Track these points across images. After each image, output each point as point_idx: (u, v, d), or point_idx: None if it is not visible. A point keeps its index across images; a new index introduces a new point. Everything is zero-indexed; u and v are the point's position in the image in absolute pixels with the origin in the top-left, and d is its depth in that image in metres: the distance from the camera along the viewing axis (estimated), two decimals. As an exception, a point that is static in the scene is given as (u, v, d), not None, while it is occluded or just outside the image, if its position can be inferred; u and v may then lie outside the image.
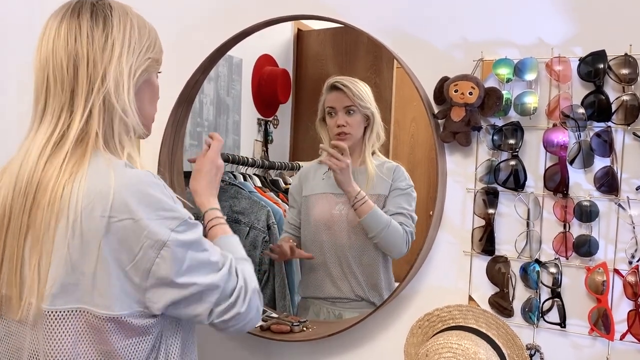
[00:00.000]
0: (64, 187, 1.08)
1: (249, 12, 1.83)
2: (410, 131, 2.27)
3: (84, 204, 1.07)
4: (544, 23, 1.54)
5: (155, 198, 1.10)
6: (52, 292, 1.08)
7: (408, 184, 2.00)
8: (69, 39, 1.13)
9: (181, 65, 1.86)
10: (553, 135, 1.52)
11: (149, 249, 1.07)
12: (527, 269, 1.57)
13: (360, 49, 2.32)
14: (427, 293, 1.70)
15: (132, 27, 1.18)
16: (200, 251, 1.14)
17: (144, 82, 1.22)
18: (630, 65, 1.44)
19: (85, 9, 1.15)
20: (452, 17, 1.63)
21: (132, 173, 1.11)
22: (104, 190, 1.07)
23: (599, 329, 1.50)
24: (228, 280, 1.16)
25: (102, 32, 1.14)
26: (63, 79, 1.13)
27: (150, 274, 1.09)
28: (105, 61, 1.13)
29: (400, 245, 1.88)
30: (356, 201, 1.90)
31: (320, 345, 1.82)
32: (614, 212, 1.49)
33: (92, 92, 1.12)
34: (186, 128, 2.01)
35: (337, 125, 2.03)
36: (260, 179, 2.44)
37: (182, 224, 1.12)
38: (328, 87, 2.07)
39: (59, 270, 1.08)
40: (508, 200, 1.60)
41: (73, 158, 1.11)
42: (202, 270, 1.13)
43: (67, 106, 1.13)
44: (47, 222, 1.08)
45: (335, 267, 2.00)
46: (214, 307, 1.15)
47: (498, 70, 1.57)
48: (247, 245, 2.20)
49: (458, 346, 1.46)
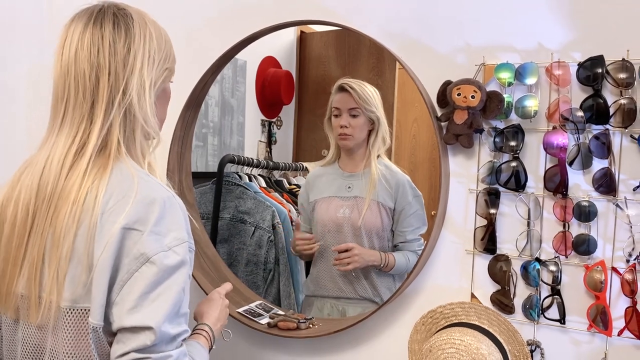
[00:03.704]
0: (87, 194, 1.11)
1: (256, 17, 1.87)
2: (412, 132, 2.30)
3: (103, 209, 1.09)
4: (544, 29, 1.58)
5: (171, 219, 1.12)
6: (74, 295, 1.11)
7: (415, 194, 2.04)
8: (91, 49, 1.15)
9: (189, 69, 1.88)
10: (553, 137, 1.56)
11: (134, 259, 1.08)
12: (527, 267, 1.61)
13: (363, 50, 2.35)
14: (430, 291, 1.74)
15: (151, 37, 1.20)
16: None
17: (162, 90, 1.25)
18: (627, 70, 1.48)
19: (107, 18, 1.17)
20: (455, 23, 1.67)
21: (160, 189, 1.14)
22: (125, 198, 1.10)
23: (597, 325, 1.54)
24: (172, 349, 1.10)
25: (124, 44, 1.16)
26: (85, 88, 1.15)
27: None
28: (128, 73, 1.15)
29: (411, 269, 1.87)
30: (383, 265, 2.00)
31: (325, 342, 1.85)
32: (612, 212, 1.53)
33: (114, 103, 1.15)
34: (194, 130, 2.05)
35: (340, 126, 2.06)
36: (265, 179, 2.47)
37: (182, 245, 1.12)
38: (337, 87, 2.10)
39: (76, 272, 1.10)
40: (509, 200, 1.63)
41: (95, 167, 1.13)
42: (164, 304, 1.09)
43: (87, 115, 1.15)
44: (69, 227, 1.10)
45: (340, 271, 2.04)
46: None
47: (500, 75, 1.60)
48: (252, 244, 2.23)
49: (461, 342, 1.50)
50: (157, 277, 1.07)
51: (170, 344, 1.09)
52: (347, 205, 2.05)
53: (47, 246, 1.13)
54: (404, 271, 1.99)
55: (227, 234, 2.28)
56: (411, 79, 1.68)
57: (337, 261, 1.98)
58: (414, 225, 2.02)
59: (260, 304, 1.95)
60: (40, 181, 1.15)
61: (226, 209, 2.28)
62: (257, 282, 2.24)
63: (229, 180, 2.29)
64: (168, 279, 1.09)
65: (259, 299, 2.00)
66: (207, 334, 1.32)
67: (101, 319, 1.09)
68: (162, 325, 1.06)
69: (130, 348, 1.06)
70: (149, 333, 1.06)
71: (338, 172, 2.14)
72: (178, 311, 1.10)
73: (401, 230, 2.03)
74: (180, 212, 1.14)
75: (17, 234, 1.16)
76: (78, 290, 1.11)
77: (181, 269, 1.11)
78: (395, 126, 2.28)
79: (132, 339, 1.06)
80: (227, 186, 2.29)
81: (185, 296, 1.12)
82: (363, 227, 2.01)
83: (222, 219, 2.28)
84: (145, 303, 1.07)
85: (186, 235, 1.13)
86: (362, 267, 2.01)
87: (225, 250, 2.26)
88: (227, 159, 2.25)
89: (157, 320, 1.06)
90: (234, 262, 2.26)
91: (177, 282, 1.10)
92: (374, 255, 2.00)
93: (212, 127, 2.46)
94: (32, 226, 1.15)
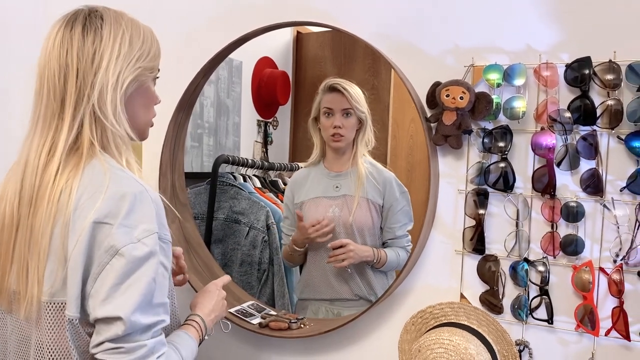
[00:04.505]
0: (61, 193, 1.14)
1: (249, 17, 1.87)
2: (409, 132, 2.30)
3: (76, 205, 1.12)
4: (532, 30, 1.59)
5: (141, 213, 1.13)
6: (52, 289, 1.15)
7: (402, 190, 2.05)
8: (61, 50, 1.18)
9: (182, 70, 1.90)
10: (541, 138, 1.56)
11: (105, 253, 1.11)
12: (516, 267, 1.62)
13: (359, 51, 2.35)
14: (420, 291, 1.75)
15: (123, 37, 1.22)
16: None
17: (137, 90, 1.25)
18: (614, 71, 1.48)
19: (78, 21, 1.20)
20: (444, 25, 1.68)
21: (133, 184, 1.16)
22: (96, 194, 1.12)
23: (585, 326, 1.55)
24: (147, 339, 1.13)
25: (91, 45, 1.19)
26: (55, 88, 1.18)
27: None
28: (94, 72, 1.18)
29: (402, 265, 1.88)
30: (376, 261, 2.01)
31: (317, 342, 1.86)
32: (599, 213, 1.54)
33: (82, 102, 1.17)
34: (187, 130, 2.06)
35: (333, 126, 2.07)
36: (260, 179, 2.47)
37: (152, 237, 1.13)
38: (326, 87, 2.10)
39: (54, 267, 1.14)
40: (498, 201, 1.64)
41: (69, 165, 1.16)
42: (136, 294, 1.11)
43: (58, 115, 1.18)
44: (45, 226, 1.15)
45: (332, 268, 2.04)
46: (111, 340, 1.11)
47: (488, 76, 1.61)
48: (246, 245, 2.24)
49: (449, 342, 1.50)
50: (127, 268, 1.10)
51: (144, 333, 1.12)
52: (337, 204, 2.05)
53: (30, 243, 1.17)
54: (395, 267, 2.00)
55: (221, 234, 2.29)
56: (401, 80, 1.69)
57: (331, 258, 1.99)
58: (401, 221, 2.03)
59: (252, 304, 1.95)
60: (23, 180, 1.19)
61: (221, 210, 2.29)
62: (252, 283, 2.25)
63: (223, 181, 2.30)
64: (138, 270, 1.11)
65: (251, 299, 2.00)
66: (198, 324, 1.35)
67: (77, 311, 1.13)
68: (132, 315, 1.09)
69: (104, 338, 1.10)
70: (119, 323, 1.08)
71: (324, 172, 2.14)
72: (151, 301, 1.13)
73: (390, 227, 2.04)
74: (151, 205, 1.16)
75: (6, 231, 1.21)
76: (56, 284, 1.14)
77: (150, 260, 1.13)
78: (392, 126, 2.28)
79: (106, 330, 1.10)
80: (221, 186, 2.30)
81: (157, 286, 1.14)
82: (354, 225, 2.02)
83: (217, 220, 2.29)
84: (116, 294, 1.09)
85: (156, 226, 1.15)
86: (357, 263, 2.01)
87: (219, 251, 2.27)
88: (221, 160, 2.26)
89: (127, 310, 1.08)
90: (228, 262, 2.26)
91: (146, 273, 1.12)
92: (367, 251, 2.01)
93: (207, 127, 2.47)
94: (18, 224, 1.19)
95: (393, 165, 2.19)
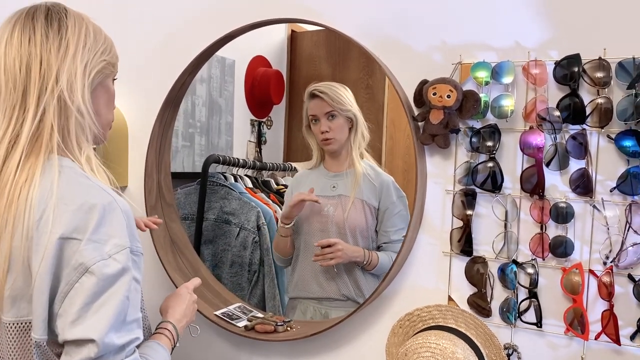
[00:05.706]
0: (20, 190, 1.08)
1: (236, 14, 1.85)
2: (406, 131, 2.26)
3: (36, 216, 1.06)
4: (520, 27, 1.55)
5: (110, 226, 1.08)
6: (16, 307, 1.09)
7: (399, 194, 2.02)
8: (22, 40, 1.13)
9: (168, 67, 1.88)
10: (530, 137, 1.53)
11: (73, 270, 1.05)
12: (504, 269, 1.58)
13: (354, 50, 2.32)
14: (408, 293, 1.72)
15: (87, 30, 1.19)
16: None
17: (100, 85, 1.22)
18: (604, 69, 1.45)
19: (39, 12, 1.16)
20: (431, 21, 1.65)
21: (100, 194, 1.10)
22: (61, 205, 1.07)
23: (574, 329, 1.51)
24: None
25: (57, 33, 1.15)
26: (15, 78, 1.13)
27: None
28: (59, 60, 1.13)
29: None
30: (366, 263, 1.98)
31: (303, 345, 1.84)
32: (589, 214, 1.51)
33: (46, 92, 1.12)
34: (173, 130, 2.03)
35: (321, 132, 2.06)
36: (252, 179, 2.45)
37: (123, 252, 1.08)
38: (308, 95, 2.10)
39: (17, 285, 1.08)
40: (486, 201, 1.61)
41: (29, 159, 1.11)
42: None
43: (18, 105, 1.13)
44: (4, 223, 1.08)
45: (322, 267, 2.02)
46: None
47: (476, 74, 1.58)
48: (237, 245, 2.22)
49: (436, 346, 1.47)
50: (98, 287, 1.04)
51: (118, 354, 1.06)
52: (332, 204, 2.04)
53: None
54: (385, 270, 1.97)
55: (211, 235, 2.26)
56: (388, 77, 1.66)
57: (318, 257, 1.96)
58: (397, 225, 2.01)
59: (239, 307, 1.93)
60: None
61: (211, 210, 2.27)
62: (242, 284, 2.22)
63: (213, 181, 2.28)
64: (110, 288, 1.05)
65: (238, 302, 1.98)
66: (170, 332, 1.30)
67: (44, 332, 1.07)
68: (106, 336, 1.03)
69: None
70: (91, 346, 1.03)
71: (323, 173, 2.14)
72: (124, 319, 1.07)
73: (385, 230, 2.01)
74: (121, 216, 1.11)
75: None
76: (21, 303, 1.08)
77: (123, 277, 1.07)
78: (387, 126, 2.25)
79: (77, 352, 1.04)
80: (212, 187, 2.28)
81: (130, 302, 1.09)
82: (347, 225, 2.00)
83: (207, 220, 2.26)
84: (87, 315, 1.04)
85: (128, 240, 1.10)
86: (346, 264, 1.99)
87: (209, 252, 2.25)
88: (211, 159, 2.23)
89: (100, 332, 1.03)
90: (218, 263, 2.24)
91: (119, 291, 1.06)
92: (357, 252, 1.98)
93: (199, 126, 2.45)
94: None
95: (389, 165, 2.17)
